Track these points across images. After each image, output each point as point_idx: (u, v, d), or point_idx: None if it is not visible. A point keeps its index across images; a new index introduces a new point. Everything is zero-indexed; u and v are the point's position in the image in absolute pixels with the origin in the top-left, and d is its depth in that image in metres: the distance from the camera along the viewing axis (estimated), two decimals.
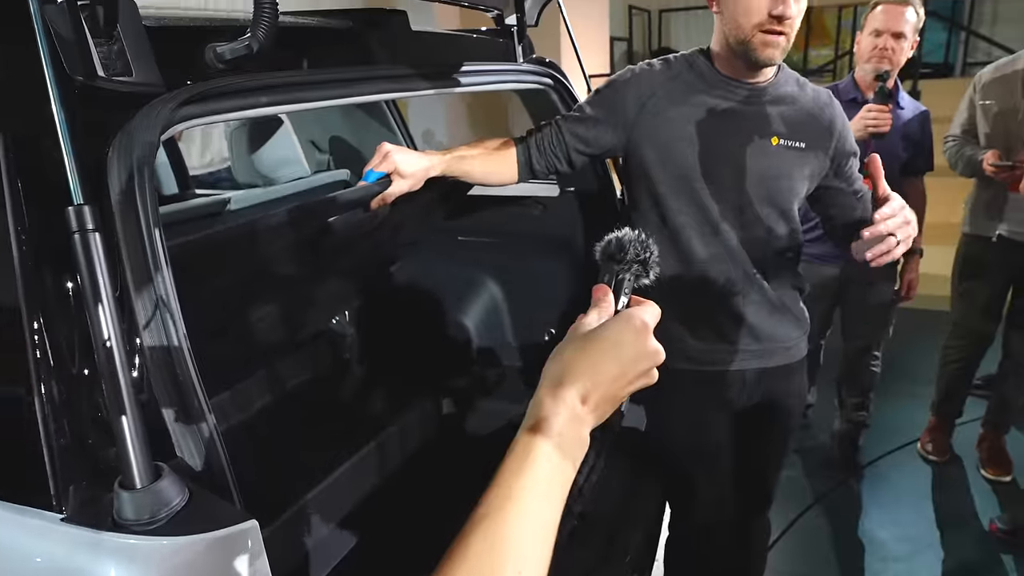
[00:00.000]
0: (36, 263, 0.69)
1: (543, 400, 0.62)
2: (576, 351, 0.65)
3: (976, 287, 2.68)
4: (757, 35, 1.30)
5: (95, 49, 0.80)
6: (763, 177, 1.42)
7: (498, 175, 1.51)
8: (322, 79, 1.06)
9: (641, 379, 0.67)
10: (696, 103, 1.41)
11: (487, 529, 0.54)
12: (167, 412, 0.72)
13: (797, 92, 1.47)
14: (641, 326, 0.67)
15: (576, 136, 1.48)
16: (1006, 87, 2.48)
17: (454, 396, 2.24)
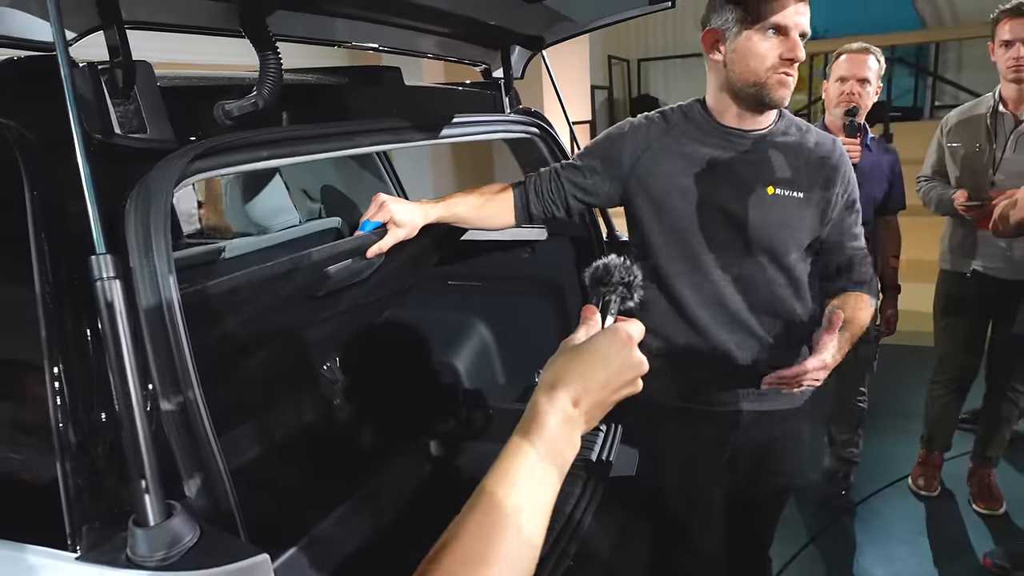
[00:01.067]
0: (58, 309, 0.72)
1: (538, 401, 0.67)
2: (568, 360, 0.70)
3: (956, 322, 2.75)
4: (772, 77, 1.34)
5: (113, 108, 0.85)
6: (760, 226, 1.42)
7: (494, 219, 1.55)
8: (323, 133, 1.11)
9: (627, 388, 0.72)
10: (690, 154, 1.43)
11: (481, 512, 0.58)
12: (179, 453, 0.74)
13: (798, 139, 1.47)
14: (626, 338, 0.72)
15: (574, 184, 1.53)
16: (970, 130, 2.60)
17: (445, 439, 2.25)
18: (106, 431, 0.72)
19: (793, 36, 1.32)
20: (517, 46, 1.90)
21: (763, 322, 1.49)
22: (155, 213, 0.78)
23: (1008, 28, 2.36)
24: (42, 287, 0.72)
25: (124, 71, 0.85)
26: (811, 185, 1.45)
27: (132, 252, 0.75)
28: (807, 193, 1.44)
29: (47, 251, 0.73)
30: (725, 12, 1.37)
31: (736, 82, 1.38)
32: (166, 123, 0.90)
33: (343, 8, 1.24)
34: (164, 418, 0.73)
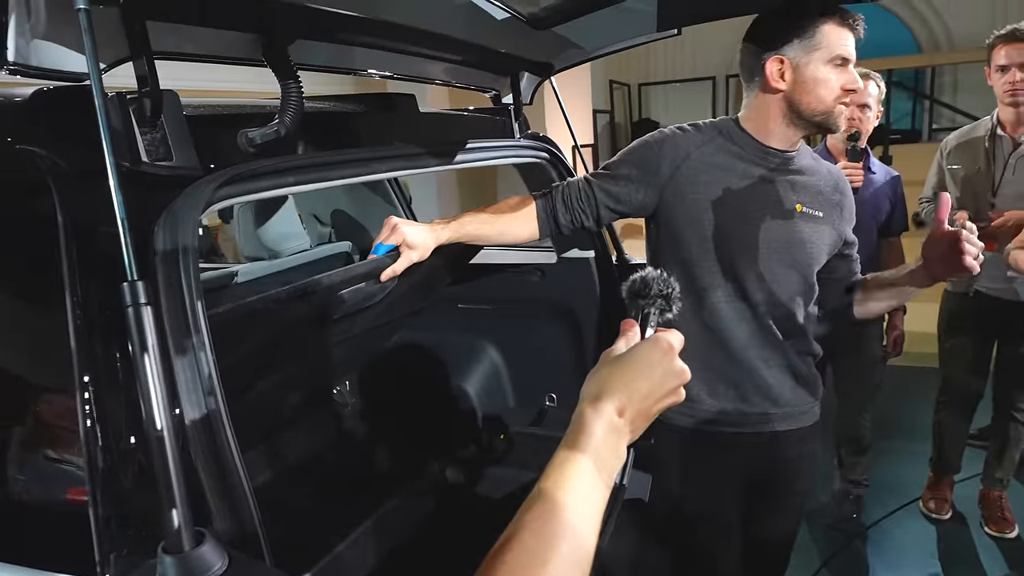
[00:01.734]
0: (88, 334, 0.73)
1: (584, 411, 0.68)
2: (611, 371, 0.71)
3: (961, 342, 2.75)
4: (837, 106, 1.40)
5: (140, 137, 0.87)
6: (788, 242, 1.46)
7: (513, 233, 1.54)
8: (342, 159, 1.13)
9: (669, 397, 0.73)
10: (728, 167, 1.46)
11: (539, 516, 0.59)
12: (206, 479, 0.74)
13: (814, 165, 1.55)
14: (668, 347, 0.73)
15: (607, 193, 1.52)
16: (970, 153, 2.63)
17: (456, 462, 2.24)
18: (135, 457, 0.72)
19: (850, 68, 1.38)
20: (526, 72, 1.93)
21: (786, 336, 1.51)
22: (183, 239, 0.79)
23: (1004, 53, 2.39)
24: (73, 312, 0.73)
25: (152, 100, 0.87)
26: (828, 205, 1.52)
27: (161, 278, 0.76)
28: (826, 213, 1.51)
29: (78, 276, 0.74)
30: (790, 41, 1.38)
31: (805, 110, 1.41)
32: (192, 151, 0.92)
33: (361, 38, 1.26)
34: (192, 444, 0.73)
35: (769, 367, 1.51)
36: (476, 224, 1.49)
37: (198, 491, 0.74)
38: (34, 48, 0.79)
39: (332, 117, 1.24)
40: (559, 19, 1.63)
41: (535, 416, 2.20)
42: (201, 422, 0.75)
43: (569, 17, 1.62)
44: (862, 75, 2.47)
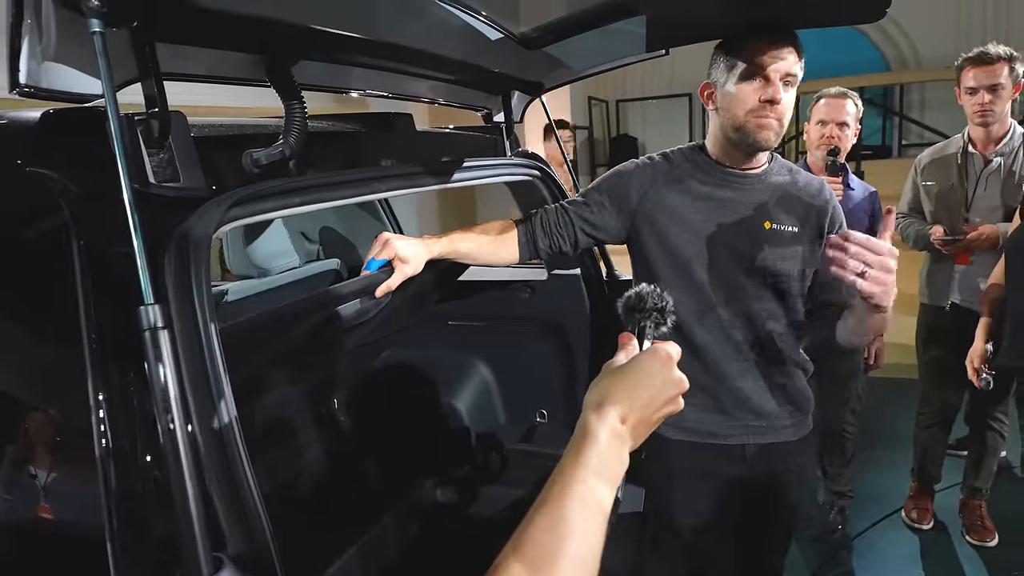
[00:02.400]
0: (103, 357, 0.72)
1: (588, 418, 0.70)
2: (613, 381, 0.74)
3: (938, 355, 2.81)
4: (751, 120, 1.40)
5: (148, 158, 0.87)
6: (757, 258, 1.48)
7: (498, 255, 1.58)
8: (345, 179, 1.13)
9: (669, 405, 0.76)
10: (692, 191, 1.50)
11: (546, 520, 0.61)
12: (220, 504, 0.73)
13: (789, 179, 1.55)
14: (667, 357, 0.77)
15: (583, 219, 1.58)
16: (943, 169, 2.71)
17: (447, 479, 2.23)
18: (152, 482, 0.72)
19: (773, 79, 1.37)
20: (517, 91, 1.96)
21: (766, 353, 1.54)
22: (196, 261, 0.79)
23: (972, 76, 2.47)
24: (88, 335, 0.72)
25: (160, 122, 0.87)
26: (803, 220, 1.52)
27: (174, 301, 0.76)
28: (800, 228, 1.51)
29: (93, 299, 0.73)
30: (716, 64, 1.46)
31: (726, 127, 1.46)
32: (199, 172, 0.91)
33: (361, 58, 1.27)
34: (207, 469, 0.73)
35: (747, 379, 1.53)
36: (466, 242, 1.53)
37: (213, 515, 0.73)
38: (45, 70, 0.78)
39: (334, 137, 1.24)
40: (550, 39, 1.66)
41: (526, 432, 2.20)
42: (216, 446, 0.74)
43: (560, 37, 1.65)
44: (839, 94, 2.56)
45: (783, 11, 1.40)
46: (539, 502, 0.62)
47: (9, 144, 0.83)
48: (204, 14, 0.87)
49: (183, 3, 0.80)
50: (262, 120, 1.14)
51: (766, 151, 1.48)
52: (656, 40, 1.68)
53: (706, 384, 1.55)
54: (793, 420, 1.61)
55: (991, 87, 2.42)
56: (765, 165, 1.54)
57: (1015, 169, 2.51)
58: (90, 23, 0.73)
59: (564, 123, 4.55)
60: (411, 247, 1.43)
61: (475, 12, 1.46)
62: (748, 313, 1.51)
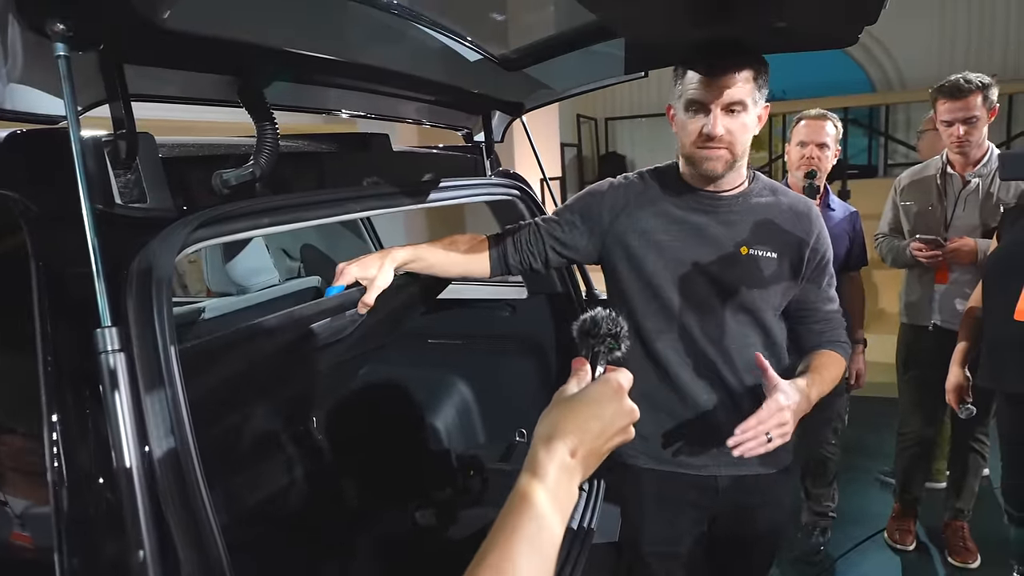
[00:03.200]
0: (59, 378, 0.71)
1: (537, 453, 0.69)
2: (562, 411, 0.73)
3: (919, 375, 2.82)
4: (696, 151, 1.41)
5: (114, 179, 0.87)
6: (731, 285, 1.44)
7: (468, 267, 1.55)
8: (317, 200, 1.13)
9: (619, 436, 0.75)
10: (667, 213, 1.47)
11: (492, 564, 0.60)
12: (175, 528, 0.73)
13: (771, 201, 1.50)
14: (617, 387, 0.76)
15: (554, 238, 1.56)
16: (922, 190, 2.74)
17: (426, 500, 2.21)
18: (104, 505, 0.71)
19: (713, 111, 1.36)
20: (498, 112, 1.97)
21: (740, 382, 1.50)
22: (157, 283, 0.79)
23: (945, 109, 2.49)
24: (44, 356, 0.72)
25: (128, 143, 0.87)
26: (784, 245, 1.47)
27: (133, 323, 0.75)
28: (780, 253, 1.47)
29: (50, 320, 0.73)
30: (673, 89, 1.46)
31: (681, 153, 1.47)
32: (166, 192, 0.91)
33: (337, 79, 1.28)
34: (162, 493, 0.72)
35: (719, 409, 1.49)
36: (434, 254, 1.51)
37: (167, 539, 0.72)
38: (10, 92, 0.79)
39: (307, 157, 1.25)
40: (530, 61, 1.68)
41: (505, 451, 2.19)
42: (172, 470, 0.73)
43: (540, 59, 1.67)
44: (819, 115, 2.59)
45: (754, 36, 1.43)
46: (488, 544, 0.62)
47: None
48: (172, 37, 0.87)
49: (150, 26, 0.81)
50: (234, 140, 1.14)
51: (717, 179, 1.45)
52: (634, 62, 1.69)
53: (678, 412, 1.51)
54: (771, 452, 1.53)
55: (965, 119, 2.45)
56: (743, 186, 1.49)
57: (992, 190, 2.55)
58: (55, 47, 0.74)
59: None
60: (372, 263, 1.40)
61: (455, 34, 1.47)
62: (722, 341, 1.48)
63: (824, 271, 1.55)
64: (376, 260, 1.41)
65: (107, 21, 0.79)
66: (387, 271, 1.41)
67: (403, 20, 1.30)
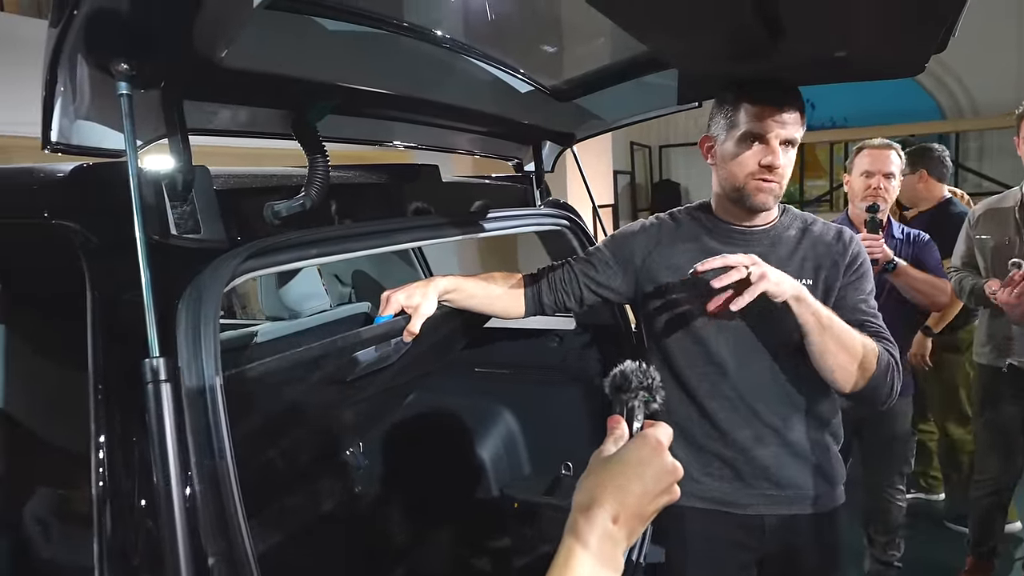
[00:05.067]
0: (107, 406, 0.73)
1: (576, 523, 0.66)
2: (600, 475, 0.69)
3: (996, 418, 2.66)
4: (751, 182, 1.40)
5: (171, 211, 0.89)
6: (766, 317, 1.41)
7: (503, 306, 1.56)
8: (365, 231, 1.15)
9: (664, 496, 0.71)
10: (698, 249, 1.47)
11: None
12: (214, 559, 0.73)
13: (803, 232, 1.50)
14: (656, 444, 0.71)
15: (588, 277, 1.56)
16: (999, 222, 2.60)
17: (468, 529, 2.19)
18: (145, 534, 0.72)
19: (772, 144, 1.36)
20: (548, 142, 1.98)
21: (780, 416, 1.46)
22: (205, 314, 0.80)
23: None
24: (95, 384, 0.74)
25: (184, 176, 0.90)
26: (819, 270, 1.46)
27: (182, 352, 0.77)
28: (815, 279, 1.45)
29: (102, 349, 0.75)
30: (715, 120, 1.45)
31: (724, 186, 1.46)
32: (219, 223, 0.94)
33: (390, 112, 1.30)
34: (202, 524, 0.72)
35: (763, 446, 1.46)
36: (472, 287, 1.51)
37: (203, 571, 0.73)
38: (76, 128, 0.83)
39: (356, 189, 1.27)
40: (581, 92, 1.68)
41: (550, 485, 2.15)
42: (212, 501, 0.74)
43: (591, 90, 1.67)
44: (883, 145, 2.50)
45: (821, 67, 1.40)
46: None
47: (38, 197, 0.86)
48: (229, 74, 0.90)
49: (208, 65, 0.84)
50: (285, 170, 1.17)
51: (762, 212, 1.45)
52: (688, 93, 1.68)
53: (720, 451, 1.48)
54: (818, 491, 1.50)
55: None
56: (775, 219, 1.50)
57: None
58: (118, 85, 0.77)
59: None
60: (416, 291, 1.41)
61: (506, 66, 1.49)
62: (759, 378, 1.45)
63: (864, 278, 1.49)
64: (420, 288, 1.42)
65: (168, 61, 0.82)
66: (431, 299, 1.42)
67: (455, 53, 1.32)
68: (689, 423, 1.48)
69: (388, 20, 1.10)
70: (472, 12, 1.28)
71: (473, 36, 1.33)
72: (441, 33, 1.21)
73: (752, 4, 1.02)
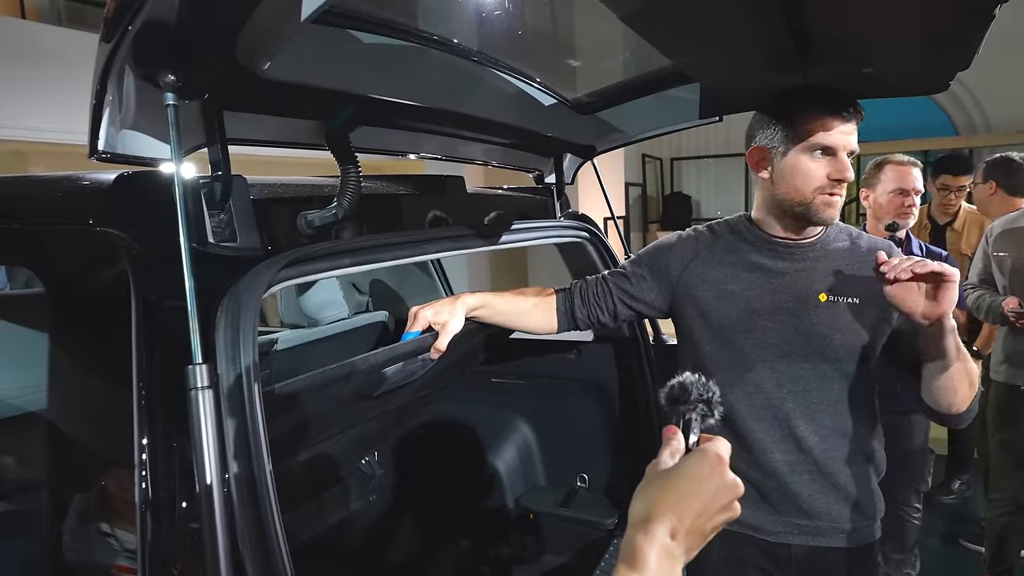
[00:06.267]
0: (150, 411, 0.74)
1: (635, 538, 0.64)
2: (659, 489, 0.68)
3: (1011, 436, 2.64)
4: (819, 197, 1.33)
5: (209, 219, 0.91)
6: (811, 334, 1.37)
7: (534, 321, 1.54)
8: (396, 241, 1.16)
9: (723, 513, 0.69)
10: (738, 263, 1.43)
11: None
12: (250, 564, 0.73)
13: (850, 246, 1.43)
14: (717, 460, 0.70)
15: (623, 290, 1.53)
16: (1016, 240, 2.59)
17: (483, 541, 2.18)
18: (187, 538, 0.73)
19: (841, 156, 1.31)
20: (569, 154, 1.99)
21: (820, 439, 1.40)
22: (244, 321, 0.81)
23: None
24: (138, 388, 0.75)
25: (223, 184, 0.91)
26: (867, 290, 1.37)
27: (221, 359, 0.78)
28: (863, 299, 1.38)
29: (145, 354, 0.76)
30: (772, 130, 1.37)
31: (784, 200, 1.37)
32: (255, 232, 0.95)
33: (418, 123, 1.32)
34: (240, 530, 0.73)
35: (796, 473, 1.40)
36: (502, 303, 1.48)
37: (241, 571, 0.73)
38: (121, 137, 0.84)
39: (386, 199, 1.28)
40: (603, 104, 1.69)
41: (566, 497, 2.15)
42: (250, 505, 0.75)
43: (613, 103, 1.68)
44: (910, 162, 2.47)
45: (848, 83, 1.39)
46: None
47: (84, 205, 0.88)
48: (270, 86, 0.91)
49: (251, 77, 0.85)
50: (318, 180, 1.18)
51: (825, 226, 1.40)
52: (711, 107, 1.68)
53: (749, 473, 1.41)
54: (853, 525, 1.44)
55: None
56: (821, 232, 1.43)
57: None
58: (165, 96, 0.78)
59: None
60: (444, 308, 1.38)
61: (530, 79, 1.50)
62: (799, 397, 1.39)
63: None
64: (448, 305, 1.39)
65: (213, 73, 0.83)
66: (459, 316, 1.39)
67: (481, 66, 1.34)
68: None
69: (419, 33, 1.11)
70: (497, 26, 1.30)
71: (498, 49, 1.35)
72: (468, 46, 1.23)
73: (782, 20, 1.02)
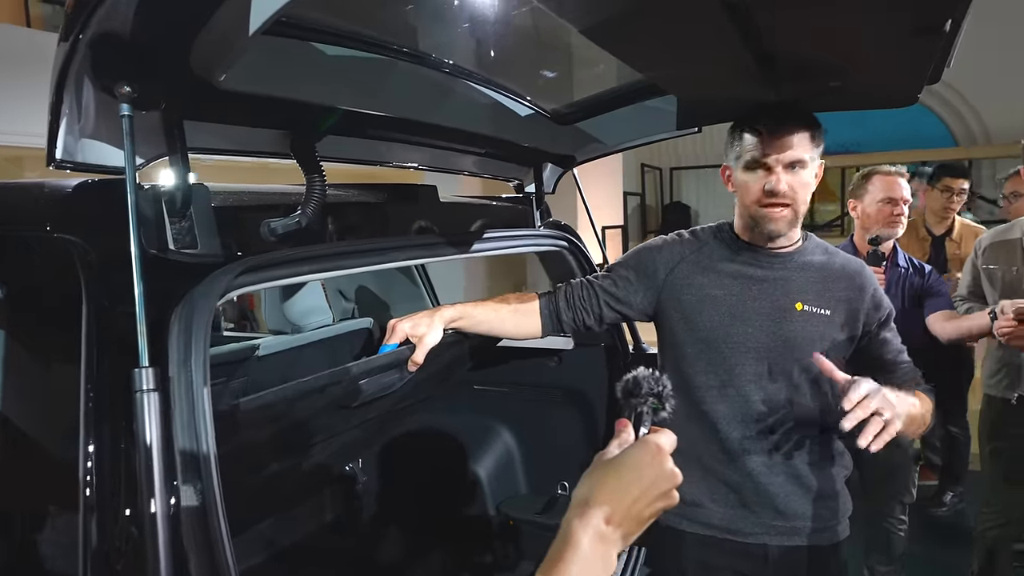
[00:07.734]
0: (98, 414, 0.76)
1: (571, 521, 0.67)
2: (600, 476, 0.71)
3: (1002, 448, 2.63)
4: (758, 210, 1.40)
5: (169, 226, 0.92)
6: (788, 341, 1.42)
7: (519, 326, 1.56)
8: (360, 249, 1.18)
9: (661, 500, 0.72)
10: (721, 269, 1.47)
11: None
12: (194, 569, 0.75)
13: (825, 260, 1.49)
14: (656, 450, 0.73)
15: (608, 293, 1.55)
16: (1006, 253, 2.58)
17: (463, 547, 2.19)
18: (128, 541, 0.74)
19: (774, 169, 1.37)
20: (549, 164, 2.00)
21: (795, 443, 1.44)
22: (197, 326, 0.83)
23: None
24: (86, 392, 0.76)
25: (183, 193, 0.93)
26: (837, 303, 1.45)
27: (172, 363, 0.79)
28: (833, 312, 1.45)
29: (95, 358, 0.78)
30: (727, 149, 1.46)
31: (742, 211, 1.46)
32: (216, 239, 0.97)
33: (390, 134, 1.33)
34: (185, 533, 0.74)
35: (773, 474, 1.44)
36: (483, 311, 1.51)
37: None
38: (80, 146, 0.86)
39: (352, 207, 1.30)
40: (581, 116, 1.71)
41: (546, 504, 2.15)
42: (196, 511, 0.76)
43: (591, 114, 1.70)
44: (897, 172, 2.48)
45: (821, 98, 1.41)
46: None
47: (42, 211, 0.90)
48: (228, 96, 0.93)
49: (208, 88, 0.87)
50: (283, 188, 1.20)
51: (779, 237, 1.45)
52: (687, 118, 1.70)
53: (726, 474, 1.46)
54: (826, 524, 1.49)
55: None
56: (798, 244, 1.49)
57: None
58: (120, 107, 0.80)
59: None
60: (422, 321, 1.42)
61: (507, 90, 1.52)
62: (774, 400, 1.43)
63: (887, 325, 1.52)
64: (426, 318, 1.43)
65: (169, 84, 0.85)
66: (436, 329, 1.42)
67: (457, 78, 1.36)
68: (696, 444, 1.46)
69: (387, 46, 1.13)
70: (473, 38, 1.32)
71: (475, 62, 1.37)
72: (443, 58, 1.25)
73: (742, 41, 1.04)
